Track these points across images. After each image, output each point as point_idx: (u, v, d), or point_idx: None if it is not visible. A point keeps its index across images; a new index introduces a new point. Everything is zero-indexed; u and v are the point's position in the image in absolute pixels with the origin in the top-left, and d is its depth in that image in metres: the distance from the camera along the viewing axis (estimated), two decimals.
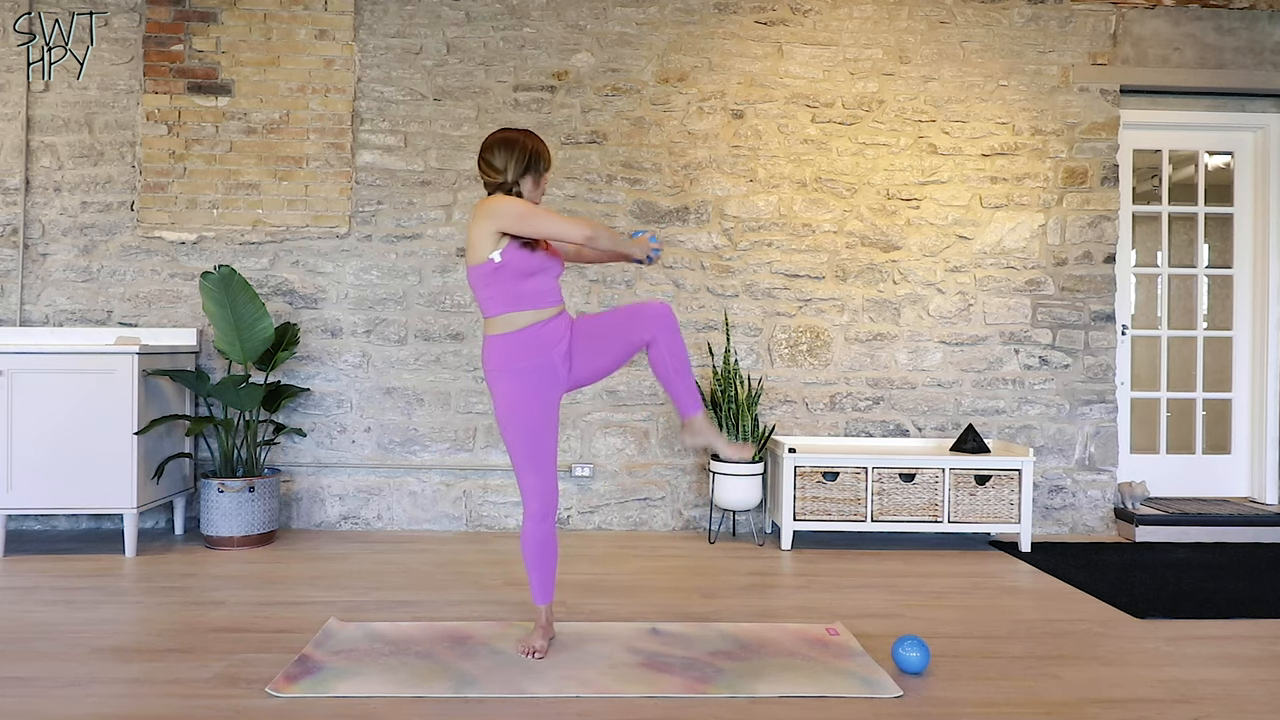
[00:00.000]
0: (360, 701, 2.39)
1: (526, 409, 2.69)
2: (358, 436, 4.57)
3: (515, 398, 2.69)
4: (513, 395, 2.69)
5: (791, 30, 4.67)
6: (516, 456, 2.73)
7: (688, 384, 2.76)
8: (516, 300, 2.67)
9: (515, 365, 2.68)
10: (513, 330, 2.68)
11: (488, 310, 2.71)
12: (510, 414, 2.70)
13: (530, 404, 2.69)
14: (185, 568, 3.78)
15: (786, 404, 4.67)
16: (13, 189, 4.47)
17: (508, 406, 2.70)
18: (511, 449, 2.73)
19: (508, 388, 2.70)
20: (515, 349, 2.68)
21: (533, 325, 2.68)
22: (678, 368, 2.74)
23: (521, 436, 2.70)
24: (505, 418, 2.71)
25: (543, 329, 2.69)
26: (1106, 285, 4.74)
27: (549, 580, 2.81)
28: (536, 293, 2.69)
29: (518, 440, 2.71)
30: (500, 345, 2.69)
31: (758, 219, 4.65)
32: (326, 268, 4.57)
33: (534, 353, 2.68)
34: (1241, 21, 4.78)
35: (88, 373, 3.88)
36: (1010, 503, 4.21)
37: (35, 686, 2.47)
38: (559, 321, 2.73)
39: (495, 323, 2.70)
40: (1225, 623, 3.20)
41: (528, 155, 2.73)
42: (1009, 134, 4.71)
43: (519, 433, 2.70)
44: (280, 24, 4.53)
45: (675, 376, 2.75)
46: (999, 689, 2.54)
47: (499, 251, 2.63)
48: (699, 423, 2.80)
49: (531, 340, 2.68)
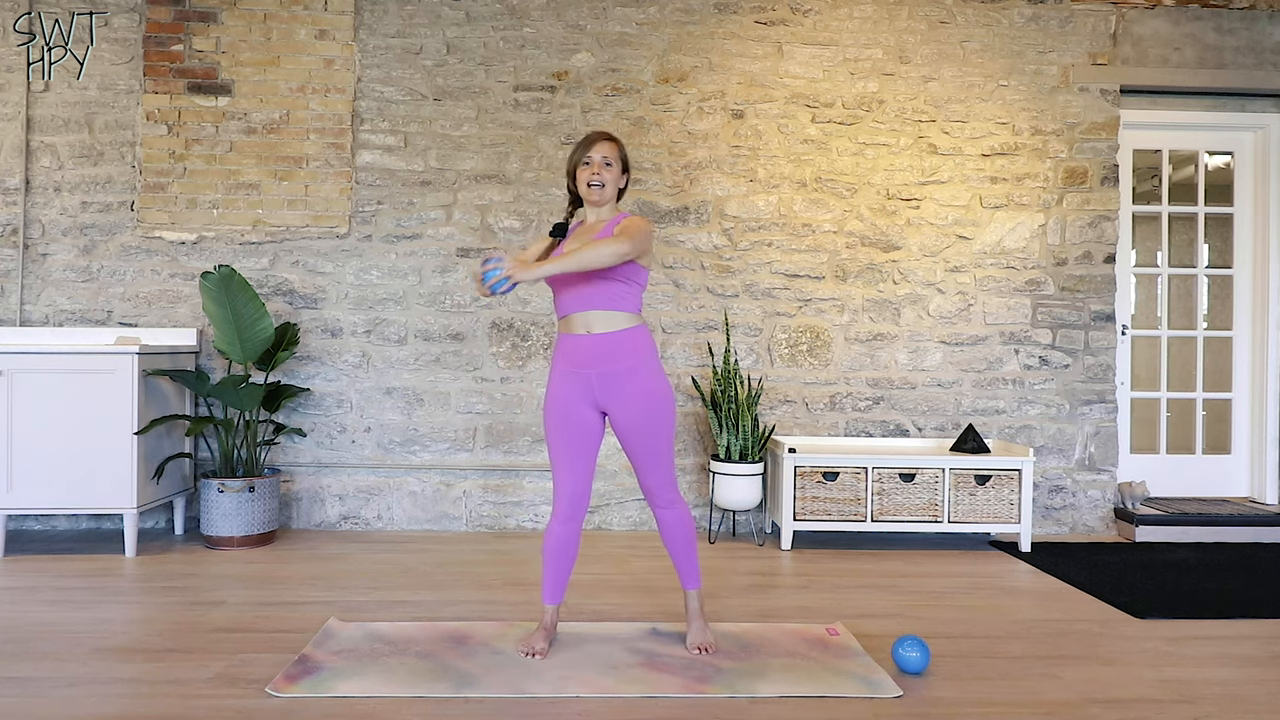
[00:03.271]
0: (360, 701, 2.39)
1: (555, 407, 2.74)
2: (358, 436, 4.57)
3: (550, 394, 2.77)
4: (549, 391, 2.77)
5: (791, 30, 4.67)
6: (549, 453, 2.79)
7: (694, 560, 2.85)
8: (557, 307, 2.79)
9: (556, 364, 2.77)
10: (559, 332, 2.80)
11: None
12: (545, 408, 2.78)
13: (559, 404, 2.73)
14: (185, 568, 3.78)
15: (786, 404, 4.67)
16: (13, 189, 4.47)
17: (546, 400, 2.79)
18: (548, 444, 2.79)
19: (549, 383, 2.79)
20: (558, 349, 2.79)
21: (564, 335, 2.77)
22: (688, 546, 2.83)
23: (550, 433, 2.77)
24: (544, 412, 2.79)
25: (569, 341, 2.76)
26: (1106, 285, 4.74)
27: (562, 582, 2.81)
28: (560, 305, 2.78)
29: (548, 436, 2.77)
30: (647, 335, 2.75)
31: (758, 219, 4.65)
32: (326, 268, 4.57)
33: (567, 359, 2.76)
34: (1241, 21, 4.78)
35: (88, 373, 3.88)
36: (1010, 503, 4.21)
37: (35, 686, 2.47)
38: (584, 343, 2.72)
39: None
40: (1225, 623, 3.20)
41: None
42: (1009, 134, 4.71)
43: (548, 429, 2.77)
44: (280, 24, 4.53)
45: (686, 551, 2.84)
46: (999, 689, 2.54)
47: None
48: (693, 598, 2.86)
49: (562, 347, 2.78)
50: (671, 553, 2.84)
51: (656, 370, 2.73)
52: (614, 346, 2.67)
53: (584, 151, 2.75)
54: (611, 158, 2.75)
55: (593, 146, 2.75)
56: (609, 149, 2.76)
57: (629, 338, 2.68)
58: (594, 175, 2.72)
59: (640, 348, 2.70)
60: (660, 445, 2.73)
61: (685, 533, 2.81)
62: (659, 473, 2.75)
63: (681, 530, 2.81)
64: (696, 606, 2.86)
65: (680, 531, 2.81)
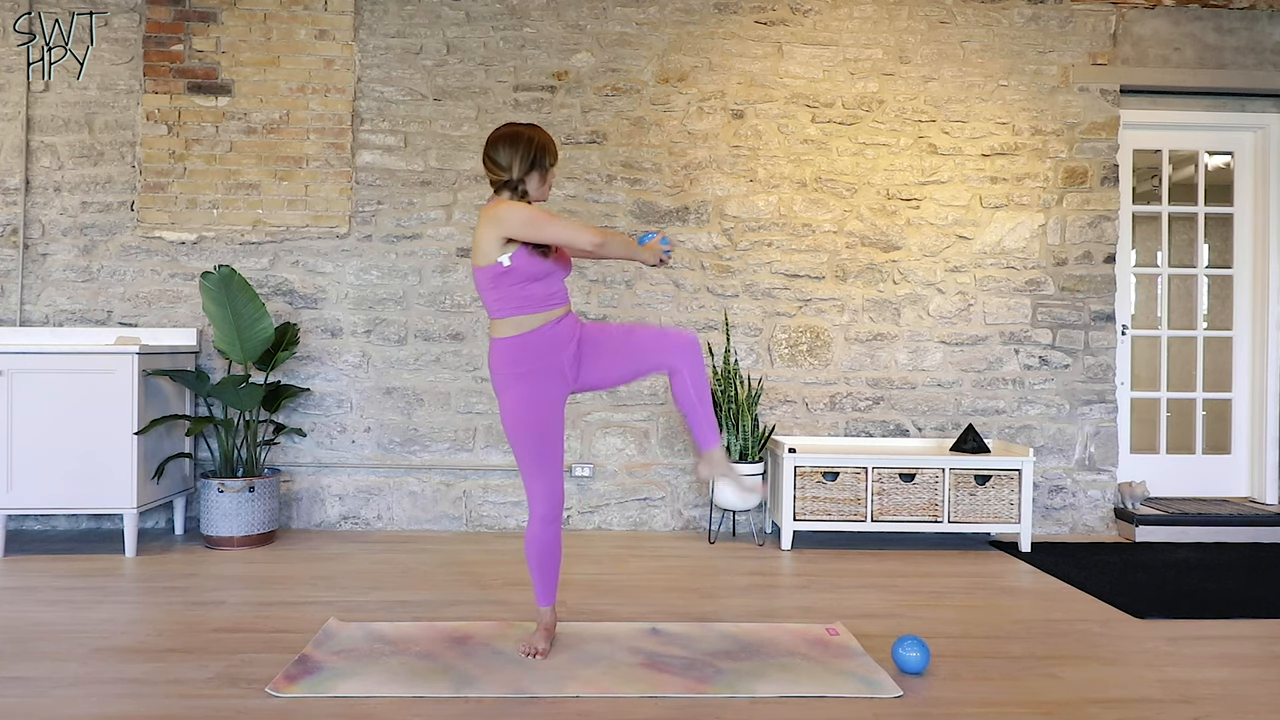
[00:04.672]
0: (360, 701, 2.39)
1: (534, 413, 2.66)
2: (358, 436, 4.57)
3: (522, 401, 2.66)
4: (520, 399, 2.66)
5: (791, 30, 4.67)
6: (523, 460, 2.69)
7: (709, 415, 2.73)
8: (525, 303, 2.64)
9: (524, 368, 2.65)
10: (521, 333, 2.64)
11: (495, 312, 2.67)
12: (517, 418, 2.67)
13: (538, 408, 2.66)
14: (185, 568, 3.78)
15: (786, 404, 4.67)
16: (13, 189, 4.47)
17: (514, 410, 2.67)
18: (518, 453, 2.70)
19: (515, 392, 2.66)
20: (524, 351, 2.65)
21: (542, 327, 2.65)
22: (701, 398, 2.72)
23: (529, 441, 2.67)
24: (511, 422, 2.68)
25: (552, 330, 2.66)
26: (1106, 285, 4.74)
27: (553, 583, 2.81)
28: (545, 295, 2.66)
29: (525, 445, 2.67)
30: (507, 348, 2.66)
31: (758, 219, 4.65)
32: (326, 268, 4.57)
33: (542, 355, 2.65)
34: (1241, 21, 4.78)
35: (88, 373, 3.88)
36: (1010, 503, 4.21)
37: (35, 686, 2.47)
38: (567, 322, 2.71)
39: (503, 325, 2.66)
40: (1225, 623, 3.20)
41: (533, 150, 2.67)
42: (1009, 134, 4.71)
43: (526, 437, 2.67)
44: (280, 24, 4.53)
45: (699, 406, 2.72)
46: (999, 689, 2.54)
47: (508, 256, 2.59)
48: (717, 455, 2.77)
49: (539, 342, 2.65)
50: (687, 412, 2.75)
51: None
52: (572, 317, 2.75)
53: (555, 160, 2.76)
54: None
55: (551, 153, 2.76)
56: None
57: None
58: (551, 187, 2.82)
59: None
60: (638, 332, 2.76)
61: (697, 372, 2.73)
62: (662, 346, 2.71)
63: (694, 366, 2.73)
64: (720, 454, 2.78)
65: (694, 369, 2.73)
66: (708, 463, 2.78)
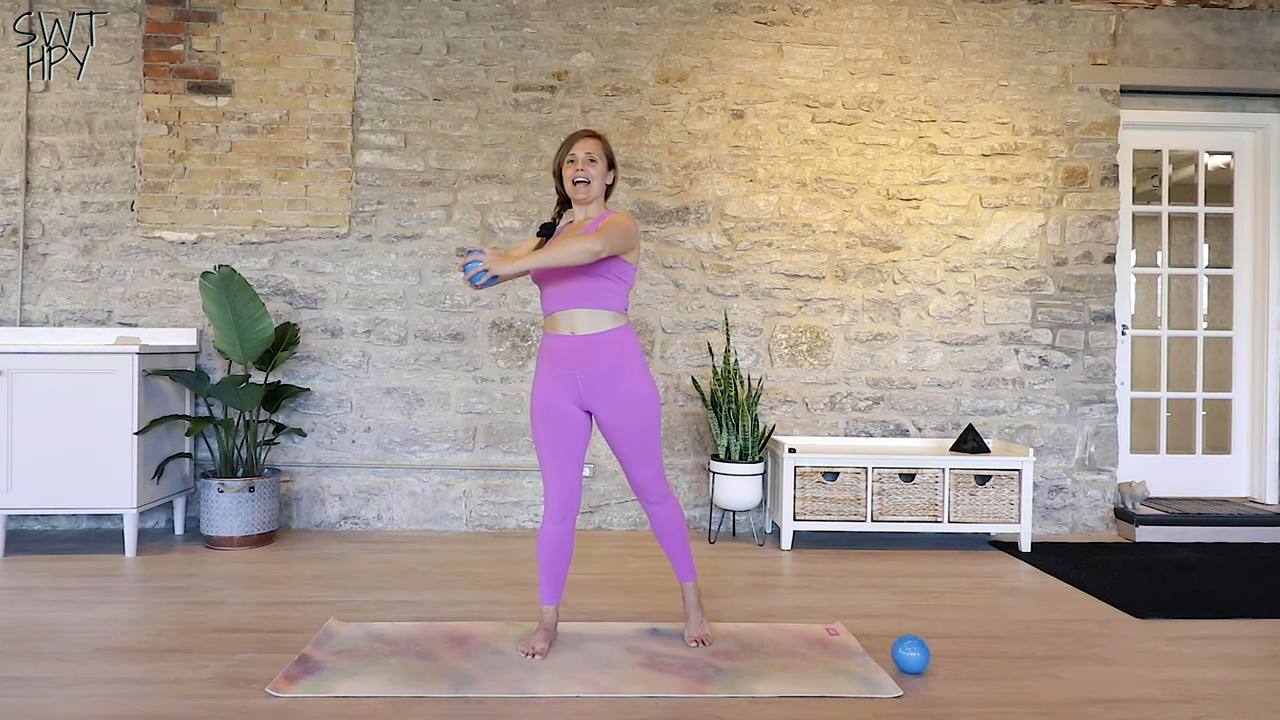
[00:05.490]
0: (360, 701, 2.39)
1: (543, 403, 2.74)
2: (358, 436, 4.57)
3: (537, 390, 2.76)
4: (536, 387, 2.77)
5: (791, 30, 4.67)
6: (538, 453, 2.78)
7: (687, 553, 2.87)
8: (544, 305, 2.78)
9: (545, 359, 2.76)
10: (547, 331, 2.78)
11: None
12: (532, 405, 2.78)
13: (547, 398, 2.74)
14: (185, 568, 3.78)
15: (786, 404, 4.67)
16: (13, 189, 4.47)
17: (532, 396, 2.78)
18: (534, 444, 2.80)
19: (536, 379, 2.78)
20: (543, 348, 2.79)
21: (547, 334, 2.77)
22: (680, 540, 2.86)
23: (537, 432, 2.77)
24: (531, 408, 2.79)
25: (551, 341, 2.76)
26: (1106, 285, 4.74)
27: (559, 582, 2.81)
28: (544, 302, 2.79)
29: (535, 435, 2.77)
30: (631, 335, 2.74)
31: (758, 219, 4.65)
32: (326, 268, 4.57)
33: (555, 360, 2.75)
34: (1241, 21, 4.78)
35: (88, 373, 3.88)
36: (1010, 503, 4.21)
37: (35, 686, 2.47)
38: (566, 344, 2.72)
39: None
40: (1225, 623, 3.20)
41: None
42: (1009, 134, 4.71)
43: (535, 426, 2.78)
44: (280, 24, 4.53)
45: (679, 545, 2.86)
46: (999, 689, 2.54)
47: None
48: (690, 590, 2.89)
49: (549, 345, 2.76)
50: (665, 547, 2.86)
51: (641, 370, 2.71)
52: (598, 347, 2.66)
53: (568, 149, 2.73)
54: (596, 154, 2.73)
55: (576, 144, 2.73)
56: (593, 145, 2.73)
57: (613, 338, 2.67)
58: (578, 172, 2.71)
59: (624, 347, 2.68)
60: (647, 443, 2.73)
61: (677, 527, 2.83)
62: (647, 469, 2.75)
63: (674, 525, 2.82)
64: (694, 599, 2.89)
65: (672, 526, 2.82)
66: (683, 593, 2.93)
